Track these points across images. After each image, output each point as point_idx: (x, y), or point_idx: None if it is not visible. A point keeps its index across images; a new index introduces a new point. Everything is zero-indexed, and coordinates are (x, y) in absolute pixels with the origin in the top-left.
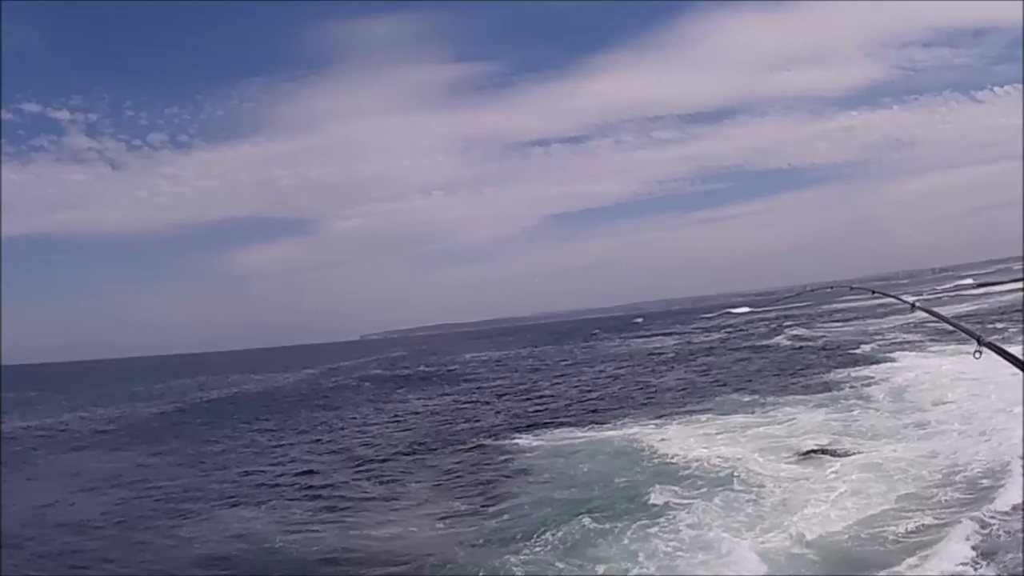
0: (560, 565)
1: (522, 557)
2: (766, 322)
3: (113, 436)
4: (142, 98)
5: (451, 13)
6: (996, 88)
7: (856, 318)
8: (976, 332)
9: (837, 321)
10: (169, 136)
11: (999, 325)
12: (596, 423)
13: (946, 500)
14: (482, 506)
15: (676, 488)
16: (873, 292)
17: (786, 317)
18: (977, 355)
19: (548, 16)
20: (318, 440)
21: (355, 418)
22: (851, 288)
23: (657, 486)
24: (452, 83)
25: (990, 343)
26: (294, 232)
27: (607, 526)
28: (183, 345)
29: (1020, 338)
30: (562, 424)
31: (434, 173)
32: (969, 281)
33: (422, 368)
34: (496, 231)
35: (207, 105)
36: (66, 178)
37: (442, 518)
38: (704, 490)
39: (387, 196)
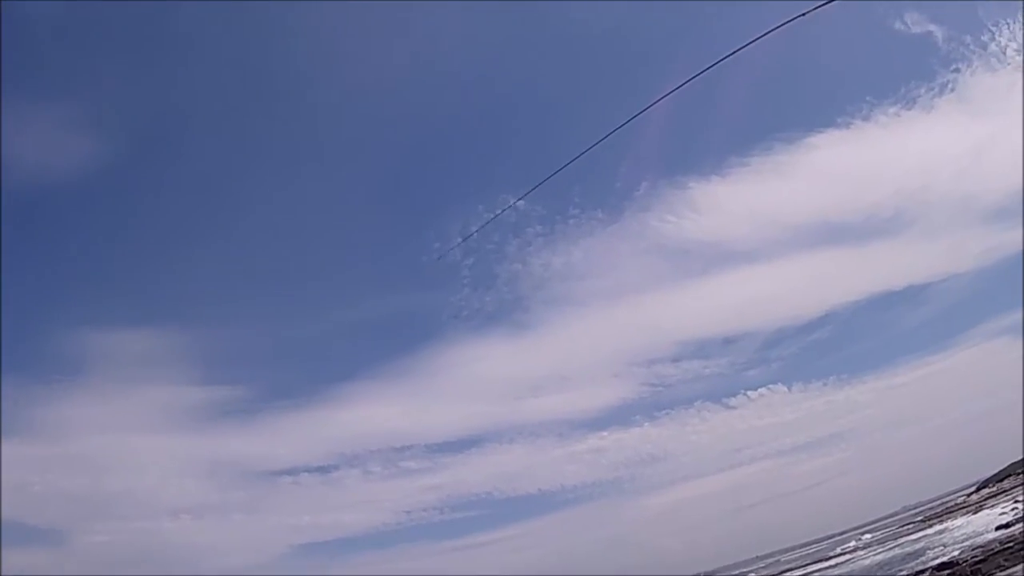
0: None
1: None
2: None
3: None
4: None
5: (196, 333)
6: (749, 392)
7: None
8: None
9: None
10: None
11: None
12: None
13: None
14: None
15: None
16: None
17: None
18: None
19: (295, 343)
20: None
21: None
22: None
23: None
24: (199, 406)
25: None
26: (45, 541)
27: None
28: None
29: None
30: None
31: (182, 496)
32: None
33: None
34: (245, 559)
35: None
36: None
37: None
38: None
39: (135, 515)
